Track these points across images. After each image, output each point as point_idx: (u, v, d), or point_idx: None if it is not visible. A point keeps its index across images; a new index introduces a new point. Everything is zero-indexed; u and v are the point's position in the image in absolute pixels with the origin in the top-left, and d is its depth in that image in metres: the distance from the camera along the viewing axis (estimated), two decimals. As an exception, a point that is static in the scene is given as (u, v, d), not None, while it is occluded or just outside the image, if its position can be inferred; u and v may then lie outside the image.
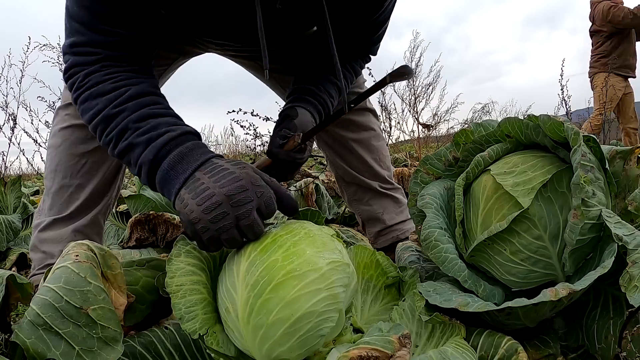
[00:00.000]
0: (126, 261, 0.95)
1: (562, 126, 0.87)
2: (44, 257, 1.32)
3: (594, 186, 0.82)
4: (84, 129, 1.27)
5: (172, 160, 0.86)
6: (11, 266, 1.82)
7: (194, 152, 0.87)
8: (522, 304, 0.77)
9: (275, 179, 1.09)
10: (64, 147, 1.30)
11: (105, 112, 0.93)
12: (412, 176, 1.10)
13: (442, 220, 0.99)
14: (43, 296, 0.74)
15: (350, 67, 1.30)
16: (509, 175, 0.90)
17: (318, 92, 1.20)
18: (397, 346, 0.70)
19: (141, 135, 0.90)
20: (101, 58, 0.98)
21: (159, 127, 0.91)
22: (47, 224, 1.32)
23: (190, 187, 0.82)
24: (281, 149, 1.09)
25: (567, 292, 0.75)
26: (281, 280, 0.73)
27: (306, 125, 1.13)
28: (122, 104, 0.93)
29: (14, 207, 2.15)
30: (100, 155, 1.31)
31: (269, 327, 0.73)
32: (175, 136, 0.89)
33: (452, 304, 0.82)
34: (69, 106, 1.31)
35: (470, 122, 3.85)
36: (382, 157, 1.62)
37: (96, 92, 0.95)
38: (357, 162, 1.57)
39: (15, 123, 4.34)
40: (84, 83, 0.97)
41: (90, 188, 1.32)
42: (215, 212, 0.78)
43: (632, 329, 0.78)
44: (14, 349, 0.74)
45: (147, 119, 0.92)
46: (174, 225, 1.81)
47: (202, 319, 0.78)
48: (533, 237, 0.87)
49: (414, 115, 6.87)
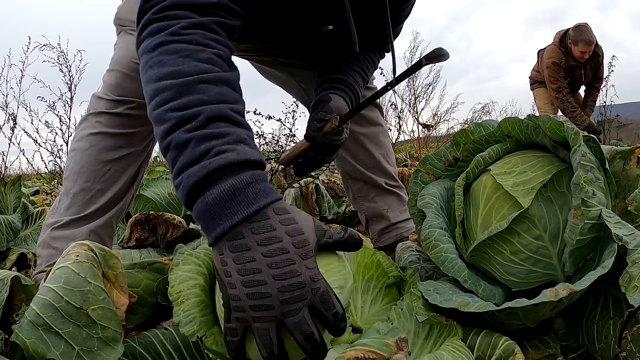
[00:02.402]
0: (128, 263, 0.95)
1: (562, 126, 0.87)
2: (54, 253, 1.33)
3: (594, 186, 0.82)
4: (113, 137, 1.30)
5: (221, 194, 0.69)
6: (11, 266, 1.82)
7: (249, 191, 0.69)
8: (522, 304, 0.77)
9: (314, 161, 1.09)
10: (90, 152, 1.32)
11: (186, 80, 0.75)
12: (412, 176, 1.10)
13: (442, 220, 0.99)
14: (43, 296, 0.74)
15: (370, 59, 1.34)
16: (509, 175, 0.90)
17: (347, 79, 1.24)
18: (394, 349, 0.70)
19: (203, 140, 0.71)
20: (214, 12, 0.83)
21: (226, 137, 0.72)
22: (64, 223, 1.34)
23: (235, 246, 0.67)
24: (319, 132, 1.12)
25: (567, 292, 0.75)
26: None
27: (341, 109, 1.15)
28: (209, 82, 0.76)
29: (14, 207, 2.15)
30: (124, 164, 1.35)
31: None
32: (236, 162, 0.70)
33: (452, 304, 0.82)
34: (100, 114, 1.33)
35: (470, 122, 3.85)
36: (388, 153, 1.64)
37: (192, 51, 0.78)
38: (366, 157, 1.59)
39: (15, 123, 4.34)
40: (185, 32, 0.80)
41: (111, 194, 1.35)
42: (258, 303, 0.65)
43: (632, 329, 0.78)
44: (14, 349, 0.74)
45: (220, 120, 0.74)
46: (174, 225, 1.82)
47: (200, 321, 0.78)
48: (533, 237, 0.87)
49: (414, 115, 6.87)
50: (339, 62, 1.28)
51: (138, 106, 1.27)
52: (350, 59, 1.28)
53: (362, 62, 1.30)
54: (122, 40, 1.31)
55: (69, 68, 4.22)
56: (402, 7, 1.25)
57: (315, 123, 1.13)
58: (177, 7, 0.82)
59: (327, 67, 1.28)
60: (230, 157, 0.70)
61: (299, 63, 1.47)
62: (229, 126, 0.74)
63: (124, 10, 1.31)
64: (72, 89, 4.23)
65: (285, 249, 0.67)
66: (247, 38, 1.26)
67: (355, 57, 1.29)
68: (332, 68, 1.27)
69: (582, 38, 4.54)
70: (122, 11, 1.32)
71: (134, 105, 1.27)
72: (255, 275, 0.65)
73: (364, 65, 1.30)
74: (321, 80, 1.25)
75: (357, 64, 1.29)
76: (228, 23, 0.86)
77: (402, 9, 1.25)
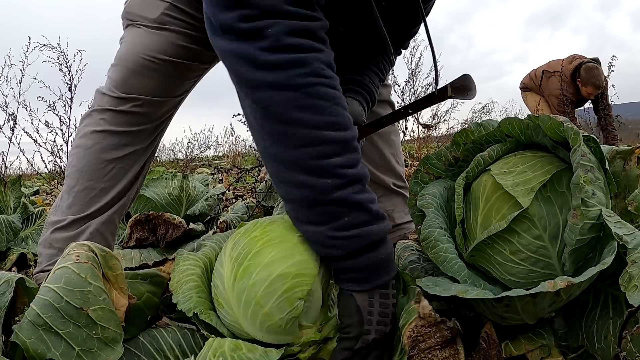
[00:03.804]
0: (132, 273, 0.97)
1: (562, 126, 0.87)
2: (55, 253, 1.33)
3: (594, 186, 0.82)
4: (117, 135, 1.28)
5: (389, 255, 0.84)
6: (11, 266, 1.82)
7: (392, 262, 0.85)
8: (520, 293, 0.77)
9: None
10: (94, 150, 1.30)
11: (346, 134, 0.79)
12: (412, 176, 1.10)
13: (442, 220, 0.99)
14: (43, 296, 0.74)
15: (387, 58, 1.32)
16: (508, 175, 0.90)
17: (364, 81, 1.22)
18: None
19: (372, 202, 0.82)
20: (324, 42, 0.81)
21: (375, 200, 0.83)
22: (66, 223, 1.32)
23: (382, 295, 0.83)
24: None
25: (566, 284, 0.74)
26: (259, 249, 0.83)
27: (357, 115, 1.13)
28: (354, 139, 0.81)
29: (14, 207, 2.14)
30: (128, 162, 1.33)
31: (250, 288, 0.81)
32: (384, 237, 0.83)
33: (451, 292, 0.82)
34: (105, 111, 1.30)
35: (470, 122, 3.84)
36: (398, 153, 1.63)
37: (338, 99, 0.80)
38: (376, 156, 1.57)
39: (15, 123, 4.33)
40: (319, 69, 0.78)
41: (114, 192, 1.33)
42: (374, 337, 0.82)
43: (632, 329, 0.78)
44: (14, 349, 0.74)
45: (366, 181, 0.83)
46: (174, 226, 1.82)
47: (197, 301, 0.87)
48: (533, 237, 0.87)
49: (414, 115, 6.86)
50: (357, 62, 1.26)
51: (144, 103, 1.25)
52: (367, 58, 1.26)
53: (379, 62, 1.28)
54: (129, 34, 1.27)
55: (69, 68, 4.21)
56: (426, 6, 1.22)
57: None
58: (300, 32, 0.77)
59: (345, 67, 1.25)
60: (387, 226, 0.84)
61: None
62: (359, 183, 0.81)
63: (134, 4, 1.27)
64: (72, 89, 4.23)
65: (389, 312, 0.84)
66: None
67: (372, 56, 1.27)
68: (350, 68, 1.24)
69: (592, 82, 4.59)
70: (132, 5, 1.28)
71: (140, 102, 1.25)
72: (385, 318, 0.83)
73: (380, 64, 1.28)
74: None
75: (375, 63, 1.27)
76: None
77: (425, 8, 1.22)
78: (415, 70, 6.50)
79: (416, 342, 0.78)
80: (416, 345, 0.78)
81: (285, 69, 0.76)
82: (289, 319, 0.82)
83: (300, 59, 0.76)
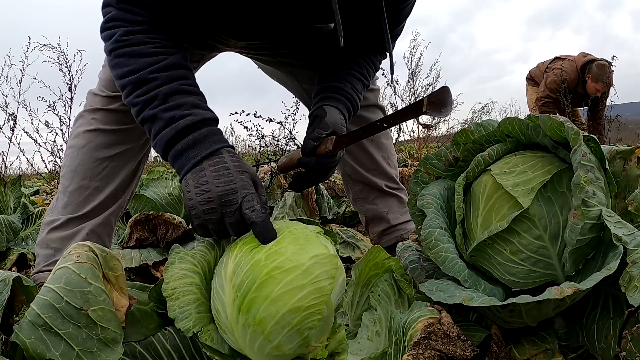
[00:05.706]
0: (139, 284, 0.98)
1: (562, 126, 0.87)
2: (52, 253, 1.33)
3: (594, 186, 0.82)
4: (109, 134, 1.31)
5: (186, 144, 0.95)
6: (11, 266, 1.82)
7: (207, 140, 0.96)
8: (526, 300, 0.77)
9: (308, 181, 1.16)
10: (87, 149, 1.32)
11: (140, 74, 0.99)
12: (412, 176, 1.10)
13: (442, 220, 0.99)
14: (43, 296, 0.74)
15: (371, 62, 1.30)
16: (509, 175, 0.90)
17: (345, 88, 1.20)
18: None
19: (166, 111, 0.97)
20: (144, 21, 1.02)
21: (183, 106, 0.97)
22: (62, 222, 1.33)
23: (195, 175, 0.92)
24: (311, 157, 1.10)
25: (573, 291, 0.74)
26: (265, 279, 0.76)
27: (337, 124, 1.12)
28: (157, 71, 0.99)
29: (14, 207, 2.14)
30: (121, 161, 1.34)
31: (257, 324, 0.76)
32: (195, 122, 0.96)
33: (456, 299, 0.81)
34: (96, 111, 1.33)
35: (470, 122, 3.84)
36: (389, 155, 1.63)
37: (135, 52, 1.00)
38: (366, 160, 1.57)
39: (15, 123, 4.33)
40: (124, 39, 1.01)
41: (108, 191, 1.34)
42: (207, 206, 0.88)
43: (632, 329, 0.78)
44: (14, 349, 0.74)
45: (175, 94, 0.98)
46: (174, 226, 1.82)
47: (196, 318, 0.81)
48: (533, 237, 0.87)
49: (414, 115, 6.82)
50: (338, 68, 1.24)
51: None
52: (349, 63, 1.25)
53: (361, 67, 1.26)
54: None
55: (69, 68, 4.22)
56: (401, 6, 1.21)
57: (311, 142, 1.09)
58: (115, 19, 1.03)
59: (326, 73, 1.24)
60: (190, 119, 0.96)
61: (299, 63, 1.45)
62: (183, 97, 0.99)
63: None
64: (72, 89, 4.23)
65: (227, 167, 0.91)
66: (242, 34, 1.25)
67: (355, 61, 1.26)
68: (331, 75, 1.23)
69: (604, 80, 4.63)
70: None
71: None
72: (206, 193, 0.89)
73: (363, 69, 1.27)
74: (319, 88, 1.22)
75: (357, 68, 1.25)
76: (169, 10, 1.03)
77: (401, 8, 1.21)
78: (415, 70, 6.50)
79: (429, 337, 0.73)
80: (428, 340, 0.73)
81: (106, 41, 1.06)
82: (298, 347, 0.78)
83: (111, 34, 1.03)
